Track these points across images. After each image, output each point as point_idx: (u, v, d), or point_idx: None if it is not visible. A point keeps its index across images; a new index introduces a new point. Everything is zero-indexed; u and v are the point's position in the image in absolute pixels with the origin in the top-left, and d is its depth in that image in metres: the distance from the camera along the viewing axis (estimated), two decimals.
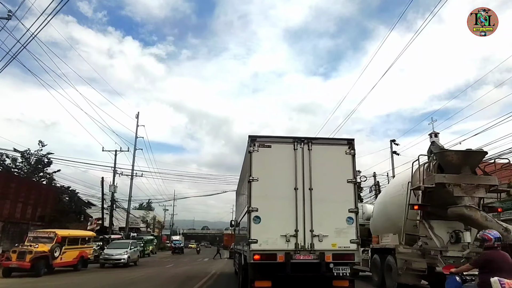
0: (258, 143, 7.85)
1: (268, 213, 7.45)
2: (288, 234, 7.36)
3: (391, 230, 10.82)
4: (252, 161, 7.72)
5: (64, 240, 16.43)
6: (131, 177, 37.18)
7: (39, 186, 30.72)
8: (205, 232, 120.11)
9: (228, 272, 17.95)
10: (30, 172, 31.90)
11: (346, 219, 7.58)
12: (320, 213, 7.54)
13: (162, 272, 17.81)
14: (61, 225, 25.54)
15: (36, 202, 28.78)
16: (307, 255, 7.34)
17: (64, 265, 16.81)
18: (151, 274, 16.73)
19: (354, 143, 8.04)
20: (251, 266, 7.57)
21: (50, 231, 16.51)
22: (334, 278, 7.43)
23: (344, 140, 8.27)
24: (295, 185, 7.65)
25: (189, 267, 21.94)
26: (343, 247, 7.42)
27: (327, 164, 7.88)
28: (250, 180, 7.60)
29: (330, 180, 7.79)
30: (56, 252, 15.77)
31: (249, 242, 7.35)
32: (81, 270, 17.91)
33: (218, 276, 16.19)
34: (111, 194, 34.47)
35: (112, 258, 20.37)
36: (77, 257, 17.58)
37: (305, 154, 7.87)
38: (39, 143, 32.59)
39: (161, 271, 18.49)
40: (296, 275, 7.23)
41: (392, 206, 11.13)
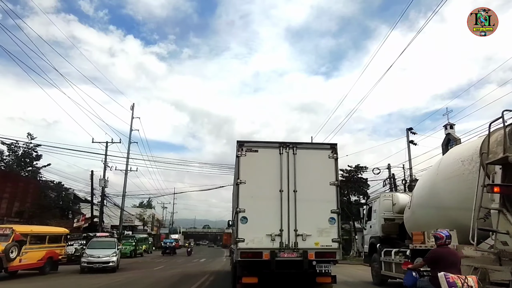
0: (245, 148, 8.28)
1: (254, 214, 7.87)
2: (273, 234, 7.83)
3: (444, 225, 7.75)
4: (240, 165, 8.19)
5: (24, 238, 13.50)
6: (126, 171, 34.92)
7: (17, 179, 27.97)
8: (206, 230, 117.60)
9: (224, 273, 15.73)
10: (17, 166, 29.51)
11: (329, 219, 7.99)
12: (304, 213, 7.97)
13: (146, 277, 14.85)
14: (41, 222, 23.41)
15: (13, 196, 26.43)
16: (291, 253, 7.77)
17: (25, 267, 13.89)
18: (130, 279, 13.85)
19: (337, 147, 8.48)
20: (238, 264, 8.02)
21: (6, 227, 13.56)
22: (317, 275, 7.88)
23: (327, 144, 8.81)
24: (280, 187, 8.10)
25: (181, 270, 18.96)
26: (325, 246, 7.86)
27: (311, 168, 8.32)
28: (238, 183, 8.06)
29: (313, 182, 8.23)
30: (12, 252, 12.81)
31: (236, 241, 7.77)
32: (50, 273, 14.91)
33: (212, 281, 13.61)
34: (102, 189, 31.64)
35: (99, 261, 16.41)
36: (43, 258, 14.56)
37: (290, 158, 8.32)
38: (27, 136, 29.72)
39: (145, 275, 15.54)
40: (281, 272, 7.69)
41: (445, 192, 8.11)
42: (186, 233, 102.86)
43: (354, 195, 42.93)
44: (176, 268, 19.98)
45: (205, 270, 18.80)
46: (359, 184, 41.39)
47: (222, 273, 16.81)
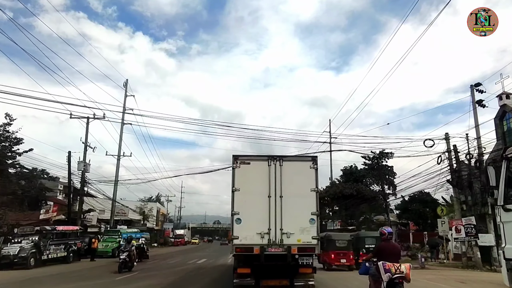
0: (239, 160, 9.66)
1: (247, 216, 9.29)
2: (263, 232, 9.20)
3: None
4: (234, 175, 9.59)
5: None
6: (118, 157, 30.90)
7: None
8: (216, 226, 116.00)
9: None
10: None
11: (309, 220, 9.30)
12: (288, 215, 9.31)
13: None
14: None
15: None
16: (277, 248, 9.14)
17: None
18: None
19: (317, 159, 9.92)
20: (234, 257, 9.63)
21: None
22: (300, 267, 9.32)
23: (309, 157, 10.57)
24: (268, 194, 9.45)
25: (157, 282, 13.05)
26: (306, 242, 9.17)
27: (295, 177, 9.62)
28: (233, 190, 9.46)
29: (296, 189, 9.49)
30: None
31: (232, 238, 9.33)
32: None
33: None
34: (81, 174, 26.85)
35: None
36: None
37: (277, 169, 9.64)
38: (5, 116, 24.83)
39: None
40: (269, 264, 9.15)
41: None
42: (196, 228, 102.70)
43: (377, 184, 39.65)
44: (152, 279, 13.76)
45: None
46: (384, 172, 38.37)
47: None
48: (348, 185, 37.52)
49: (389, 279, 5.84)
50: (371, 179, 40.79)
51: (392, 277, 5.84)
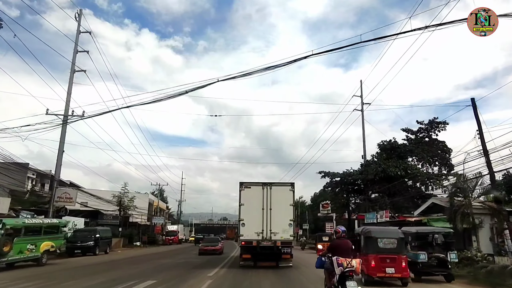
0: (244, 186, 15.32)
1: (248, 221, 14.80)
2: (258, 232, 14.69)
3: None
4: (241, 195, 15.25)
5: None
6: (65, 117, 22.43)
7: None
8: (222, 223, 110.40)
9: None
10: None
11: (288, 224, 14.71)
12: (275, 221, 14.69)
13: None
14: None
15: None
16: (267, 242, 14.55)
17: None
18: None
19: (295, 185, 15.41)
20: (240, 248, 15.52)
21: None
22: (283, 254, 14.88)
23: (289, 183, 15.79)
24: (262, 207, 14.90)
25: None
26: (286, 238, 14.62)
27: (279, 196, 14.99)
28: (240, 205, 15.18)
29: (280, 204, 14.82)
30: None
31: (238, 236, 15.54)
32: None
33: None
34: None
35: None
36: None
37: (268, 191, 15.12)
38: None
39: None
40: (262, 252, 14.75)
41: None
42: (199, 225, 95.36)
43: (429, 163, 29.85)
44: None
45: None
46: (436, 148, 28.88)
47: None
48: (392, 163, 28.88)
49: (341, 272, 6.50)
50: (418, 157, 30.36)
51: (344, 271, 6.50)
